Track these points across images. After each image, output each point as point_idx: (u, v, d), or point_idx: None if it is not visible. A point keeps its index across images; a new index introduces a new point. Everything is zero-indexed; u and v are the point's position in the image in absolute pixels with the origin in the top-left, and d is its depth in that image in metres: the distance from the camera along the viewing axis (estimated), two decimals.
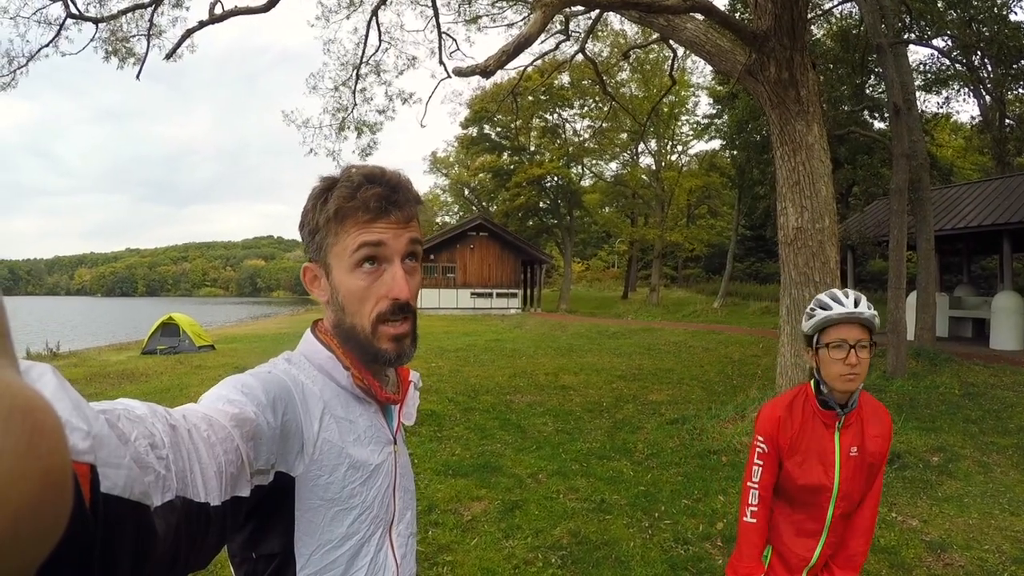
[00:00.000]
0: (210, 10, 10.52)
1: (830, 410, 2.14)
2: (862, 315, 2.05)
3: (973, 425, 8.01)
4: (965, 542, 4.84)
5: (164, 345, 17.88)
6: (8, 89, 11.22)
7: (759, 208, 30.98)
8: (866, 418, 2.17)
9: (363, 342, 1.13)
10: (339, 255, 1.11)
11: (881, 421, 2.18)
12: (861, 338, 2.04)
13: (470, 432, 8.21)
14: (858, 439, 2.14)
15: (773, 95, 6.90)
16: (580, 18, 13.98)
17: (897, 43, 11.82)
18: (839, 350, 2.05)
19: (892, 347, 10.62)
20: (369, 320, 1.12)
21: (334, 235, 1.11)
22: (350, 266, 1.11)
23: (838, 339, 2.06)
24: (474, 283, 37.76)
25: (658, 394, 10.71)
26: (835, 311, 2.07)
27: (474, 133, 44.15)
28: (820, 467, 2.15)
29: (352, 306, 1.12)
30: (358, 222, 1.10)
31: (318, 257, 1.15)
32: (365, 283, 1.11)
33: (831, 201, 7.02)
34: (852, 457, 2.13)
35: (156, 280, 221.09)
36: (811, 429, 2.18)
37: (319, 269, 1.16)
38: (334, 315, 1.16)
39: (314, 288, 1.18)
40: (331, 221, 1.11)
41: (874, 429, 2.16)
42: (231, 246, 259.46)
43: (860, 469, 2.13)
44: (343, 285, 1.12)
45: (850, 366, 2.02)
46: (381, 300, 1.12)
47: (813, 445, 2.16)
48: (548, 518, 5.32)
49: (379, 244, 1.10)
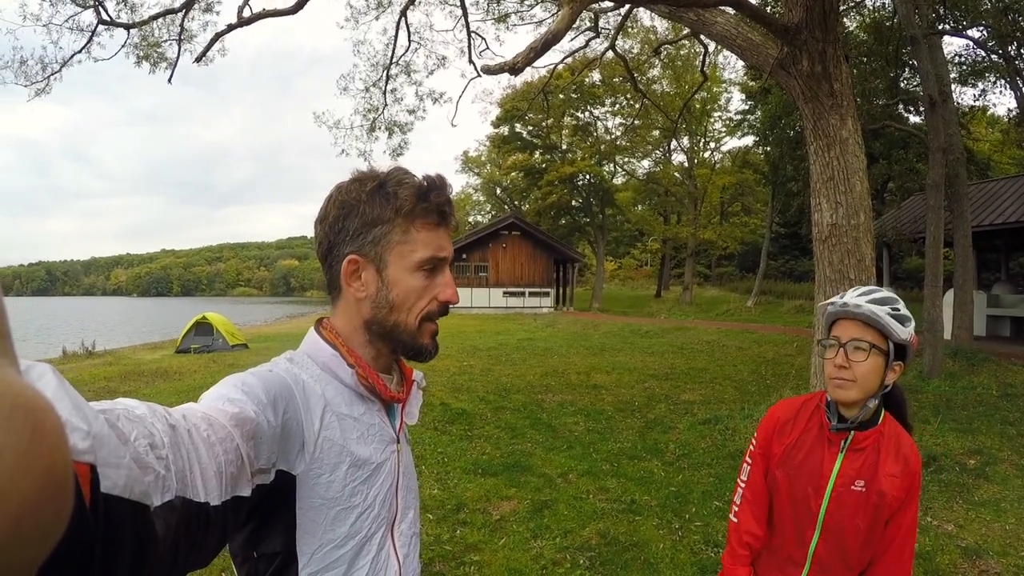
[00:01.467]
0: (239, 13, 10.65)
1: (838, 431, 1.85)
2: (857, 309, 1.75)
3: (1011, 427, 7.79)
4: (1002, 548, 4.71)
5: (198, 344, 18.19)
6: (43, 95, 11.48)
7: (793, 205, 30.49)
8: (884, 450, 1.79)
9: (406, 338, 1.17)
10: (404, 254, 1.14)
11: (903, 460, 1.78)
12: (857, 337, 1.75)
13: (500, 431, 8.20)
14: (868, 472, 1.78)
15: (806, 89, 6.78)
16: (610, 15, 13.93)
17: (931, 34, 11.57)
18: (831, 349, 1.82)
19: (928, 347, 10.40)
20: (417, 318, 1.16)
21: (401, 232, 1.13)
22: (413, 266, 1.14)
23: (832, 336, 1.83)
24: (506, 282, 37.78)
25: (690, 394, 10.61)
26: (833, 306, 1.85)
27: (505, 132, 44.16)
28: (810, 489, 1.84)
29: (407, 303, 1.15)
30: (427, 223, 1.15)
31: (371, 252, 1.14)
32: (424, 284, 1.15)
33: (866, 197, 6.88)
34: (854, 492, 1.77)
35: (191, 280, 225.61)
36: (810, 442, 1.89)
37: (367, 263, 1.15)
38: (373, 313, 1.16)
39: (352, 281, 1.16)
40: (399, 217, 1.13)
41: (891, 466, 1.77)
42: (265, 246, 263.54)
43: (863, 510, 1.76)
44: (401, 282, 1.14)
45: (838, 368, 1.76)
46: (432, 301, 1.17)
47: (808, 461, 1.87)
48: (577, 518, 5.29)
49: (444, 257, 1.17)
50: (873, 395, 1.76)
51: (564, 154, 42.46)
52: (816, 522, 1.81)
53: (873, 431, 1.80)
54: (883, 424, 1.81)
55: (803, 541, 1.85)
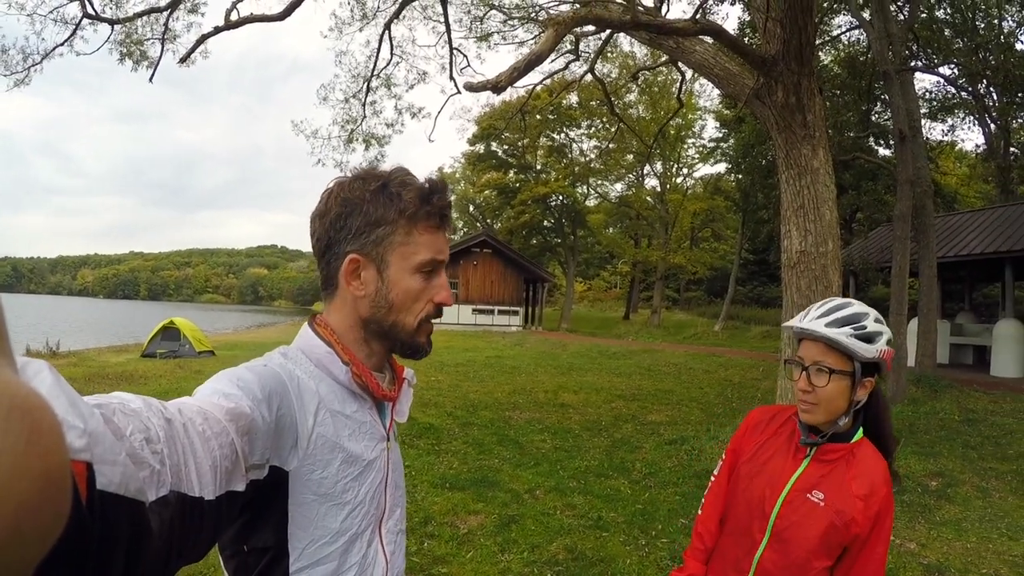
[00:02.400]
0: (226, 16, 10.62)
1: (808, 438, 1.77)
2: (814, 333, 1.67)
3: (972, 451, 8.00)
4: (963, 565, 4.83)
5: (164, 349, 17.86)
6: (22, 86, 11.32)
7: (762, 232, 30.99)
8: (853, 469, 1.69)
9: (404, 338, 1.19)
10: (405, 255, 1.15)
11: (870, 484, 1.67)
12: (818, 360, 1.67)
13: (468, 447, 8.19)
14: (831, 486, 1.68)
15: (780, 119, 6.95)
16: (590, 39, 14.10)
17: (904, 70, 11.90)
18: (796, 369, 1.74)
19: (892, 373, 10.61)
20: (417, 319, 1.18)
21: (404, 233, 1.14)
22: (414, 268, 1.15)
23: (796, 356, 1.75)
24: (476, 299, 37.74)
25: (657, 414, 10.69)
26: (793, 323, 1.76)
27: (481, 150, 44.36)
28: (767, 490, 1.76)
29: (406, 304, 1.17)
30: (429, 226, 1.16)
31: (373, 252, 1.15)
32: (422, 286, 1.17)
33: (835, 225, 7.05)
34: (810, 502, 1.68)
35: (158, 284, 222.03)
36: (778, 445, 1.82)
37: (368, 263, 1.16)
38: (372, 312, 1.17)
39: (352, 280, 1.16)
40: (403, 218, 1.14)
41: (858, 487, 1.66)
42: (234, 253, 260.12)
43: (816, 522, 1.66)
44: (401, 283, 1.16)
45: (802, 391, 1.69)
46: (429, 303, 1.19)
47: (771, 463, 1.80)
48: (545, 533, 5.30)
49: (443, 260, 1.20)
50: (843, 414, 1.69)
51: (538, 174, 42.76)
52: (767, 526, 1.73)
53: (844, 446, 1.71)
54: (857, 444, 1.73)
55: (752, 547, 1.76)
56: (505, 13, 13.81)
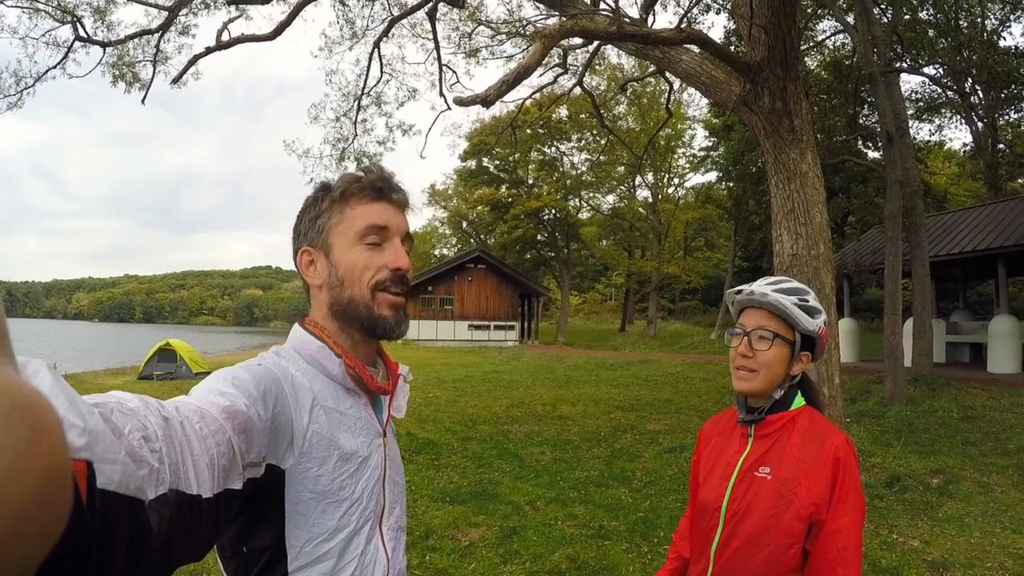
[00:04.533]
0: (217, 37, 10.68)
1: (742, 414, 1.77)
2: (763, 298, 1.67)
3: (972, 447, 8.01)
4: (967, 560, 4.83)
5: (161, 371, 17.80)
6: (15, 109, 11.35)
7: (755, 239, 31.20)
8: (794, 434, 1.66)
9: (362, 312, 1.18)
10: (343, 232, 1.18)
11: (817, 444, 1.62)
12: (762, 325, 1.67)
13: (468, 461, 8.17)
14: (774, 457, 1.65)
15: (767, 124, 7.00)
16: (578, 52, 14.20)
17: (889, 72, 12.00)
18: (736, 337, 1.73)
19: (889, 373, 10.64)
20: (368, 287, 1.17)
21: (339, 214, 1.19)
22: (353, 240, 1.18)
23: (738, 324, 1.75)
24: (472, 315, 37.78)
25: (656, 423, 10.68)
26: (741, 294, 1.75)
27: (473, 166, 44.55)
28: (718, 480, 1.74)
29: (352, 276, 1.17)
30: (363, 199, 1.20)
31: (317, 241, 1.20)
32: (367, 255, 1.18)
33: (825, 228, 7.08)
34: (758, 479, 1.64)
35: (153, 307, 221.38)
36: (728, 438, 1.81)
37: (318, 252, 1.21)
38: (330, 295, 1.19)
39: (309, 272, 1.22)
40: (336, 203, 1.19)
41: (798, 451, 1.62)
42: (229, 275, 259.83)
43: (763, 499, 1.61)
44: (346, 258, 1.18)
45: (741, 356, 1.67)
46: (381, 270, 1.18)
47: (720, 456, 1.78)
48: (546, 544, 5.28)
49: (384, 227, 1.19)
50: (778, 385, 1.68)
51: (530, 188, 42.90)
52: (719, 515, 1.69)
53: (782, 415, 1.69)
54: (798, 412, 1.70)
55: (707, 543, 1.71)
56: (493, 28, 13.93)
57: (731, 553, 1.64)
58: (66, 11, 10.71)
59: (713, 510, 1.70)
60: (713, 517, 1.70)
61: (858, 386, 11.96)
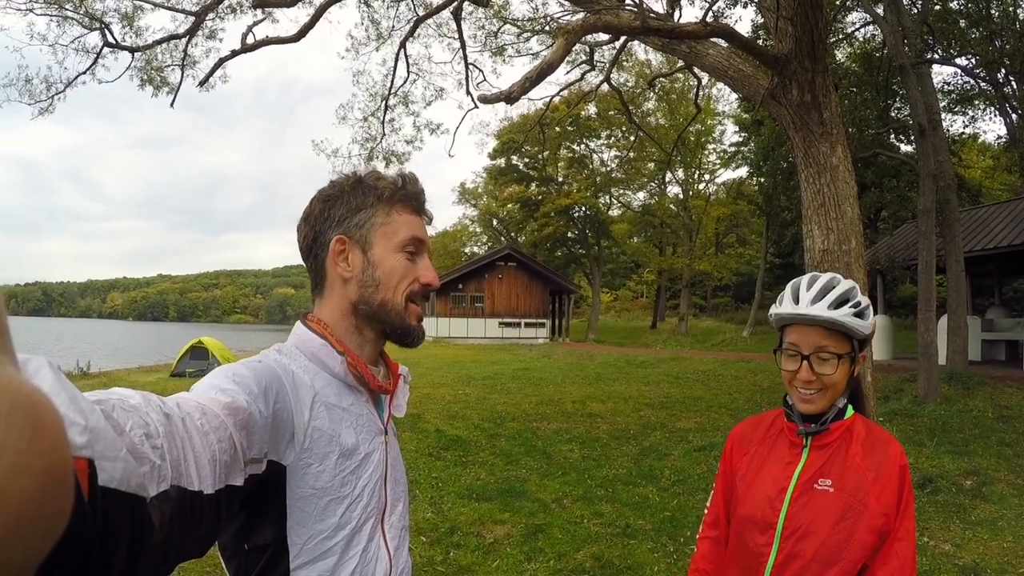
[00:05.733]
0: (242, 40, 10.81)
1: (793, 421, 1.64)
2: (815, 319, 1.53)
3: (1007, 448, 7.81)
4: (999, 566, 4.72)
5: (193, 368, 18.13)
6: (46, 114, 11.58)
7: (787, 235, 30.76)
8: (854, 443, 1.58)
9: (394, 318, 1.21)
10: (388, 235, 1.21)
11: (881, 450, 1.56)
12: (822, 346, 1.54)
13: (495, 457, 8.18)
14: (835, 468, 1.55)
15: (796, 118, 6.90)
16: (604, 48, 14.13)
17: (920, 63, 11.76)
18: (790, 360, 1.58)
19: (923, 371, 10.42)
20: (402, 296, 1.21)
21: (385, 214, 1.21)
22: (397, 246, 1.21)
23: (790, 344, 1.59)
24: (502, 313, 37.82)
25: (686, 422, 10.59)
26: (783, 309, 1.60)
27: (502, 164, 44.60)
28: (770, 492, 1.60)
29: (391, 281, 1.20)
30: (407, 208, 1.24)
31: (357, 234, 1.20)
32: (407, 263, 1.22)
33: (857, 223, 6.96)
34: (819, 492, 1.53)
35: (187, 306, 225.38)
36: (772, 446, 1.68)
37: (354, 244, 1.20)
38: (360, 293, 1.20)
39: (339, 261, 1.20)
40: (382, 201, 1.21)
41: (864, 459, 1.54)
42: (261, 274, 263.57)
43: (829, 512, 1.51)
44: (386, 261, 1.20)
45: (805, 382, 1.55)
46: (415, 282, 1.22)
47: (769, 465, 1.65)
48: (571, 542, 5.27)
49: (422, 241, 1.25)
50: (842, 395, 1.59)
51: (560, 186, 42.85)
52: (774, 536, 1.56)
53: (840, 423, 1.59)
54: (852, 420, 1.61)
55: (758, 563, 1.58)
56: (518, 27, 13.89)
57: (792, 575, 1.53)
58: (94, 18, 10.90)
59: (764, 528, 1.58)
60: (764, 536, 1.58)
61: (891, 384, 11.75)
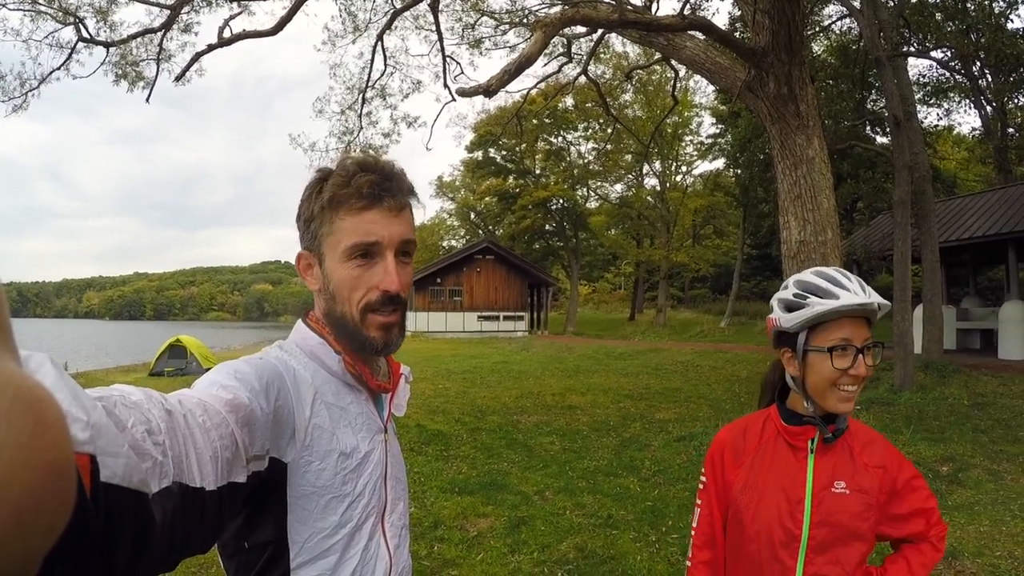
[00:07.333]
0: (219, 33, 10.70)
1: (800, 425, 1.56)
2: (871, 305, 1.45)
3: (983, 434, 7.95)
4: (976, 549, 4.80)
5: (172, 367, 17.96)
6: (20, 111, 11.40)
7: (764, 226, 31.07)
8: (855, 442, 1.55)
9: (351, 330, 1.14)
10: (333, 245, 1.13)
11: (881, 448, 1.56)
12: (868, 337, 1.46)
13: (477, 451, 8.18)
14: (846, 470, 1.51)
15: (773, 110, 6.95)
16: (582, 41, 14.14)
17: (896, 55, 11.89)
18: (843, 357, 1.44)
19: (899, 360, 10.57)
20: (357, 308, 1.13)
21: (328, 223, 1.12)
22: (342, 256, 1.12)
23: (841, 340, 1.44)
24: (481, 306, 37.82)
25: (665, 412, 10.66)
26: (843, 301, 1.43)
27: (479, 157, 44.49)
28: (784, 505, 1.52)
29: (342, 294, 1.13)
30: (352, 209, 1.11)
31: (312, 246, 1.16)
32: (356, 273, 1.12)
33: (833, 214, 7.05)
34: (836, 495, 1.49)
35: (164, 304, 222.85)
36: (772, 454, 1.59)
37: (313, 257, 1.17)
38: (325, 304, 1.17)
39: (307, 276, 1.19)
40: (325, 209, 1.12)
41: (869, 458, 1.53)
42: (238, 271, 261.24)
43: (853, 515, 1.49)
44: (335, 274, 1.14)
45: (854, 378, 1.44)
46: (371, 290, 1.13)
47: (774, 476, 1.56)
48: (554, 533, 5.29)
49: (373, 244, 1.12)
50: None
51: (537, 179, 42.86)
52: (799, 546, 1.50)
53: (844, 433, 1.55)
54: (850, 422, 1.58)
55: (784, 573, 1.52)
56: (495, 19, 13.87)
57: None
58: (68, 12, 10.75)
59: (787, 541, 1.52)
60: (786, 549, 1.52)
61: None
